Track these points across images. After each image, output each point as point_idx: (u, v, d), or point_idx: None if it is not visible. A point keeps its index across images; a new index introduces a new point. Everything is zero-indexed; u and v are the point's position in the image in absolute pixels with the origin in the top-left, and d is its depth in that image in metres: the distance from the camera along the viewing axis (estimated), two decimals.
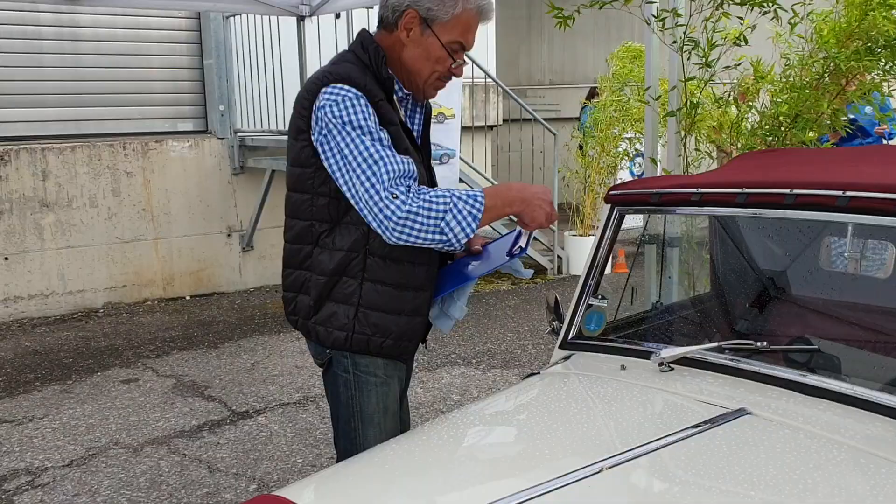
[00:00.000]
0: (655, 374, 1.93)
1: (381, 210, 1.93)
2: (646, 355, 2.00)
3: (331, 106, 1.99)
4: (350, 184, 1.99)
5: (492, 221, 2.13)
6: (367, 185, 1.95)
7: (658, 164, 4.02)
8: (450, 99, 6.66)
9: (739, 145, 3.68)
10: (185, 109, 7.76)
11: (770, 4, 3.48)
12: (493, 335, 6.26)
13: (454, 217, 1.95)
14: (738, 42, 3.38)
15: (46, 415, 4.80)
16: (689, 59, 3.57)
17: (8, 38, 6.75)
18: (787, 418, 1.64)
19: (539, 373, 2.12)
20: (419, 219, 1.94)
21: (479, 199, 1.99)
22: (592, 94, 9.61)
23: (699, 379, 1.86)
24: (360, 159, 1.97)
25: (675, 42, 3.59)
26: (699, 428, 1.62)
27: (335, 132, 1.99)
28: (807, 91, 3.89)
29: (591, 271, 2.25)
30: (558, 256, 8.26)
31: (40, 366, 5.73)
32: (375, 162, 1.95)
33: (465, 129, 8.37)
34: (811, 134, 3.54)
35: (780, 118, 3.77)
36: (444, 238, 1.96)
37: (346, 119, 1.98)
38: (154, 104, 7.57)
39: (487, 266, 2.25)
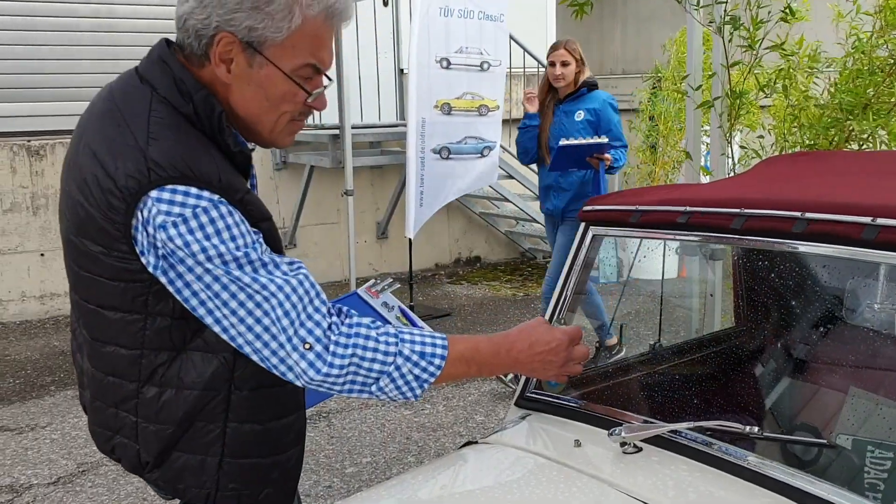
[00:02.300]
0: (615, 458, 1.44)
1: (290, 368, 1.37)
2: (611, 426, 1.51)
3: (177, 227, 1.31)
4: (234, 331, 1.37)
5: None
6: (259, 329, 1.36)
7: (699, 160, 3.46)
8: (494, 90, 6.17)
9: (788, 142, 3.09)
10: None
11: None
12: None
13: (392, 381, 1.40)
14: (785, 17, 2.80)
15: (50, 423, 4.59)
16: (730, 41, 3.01)
17: (43, 31, 6.62)
18: None
19: (478, 441, 1.65)
20: (342, 378, 1.38)
21: (438, 360, 1.41)
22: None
23: (669, 470, 1.36)
24: (241, 297, 1.35)
25: (712, 22, 3.04)
26: None
27: (196, 268, 1.34)
28: (879, 76, 3.28)
29: (559, 306, 1.76)
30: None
31: (60, 368, 5.55)
32: (266, 298, 1.35)
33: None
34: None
35: (843, 109, 3.17)
36: (373, 397, 1.43)
37: (210, 254, 1.32)
38: None
39: None
